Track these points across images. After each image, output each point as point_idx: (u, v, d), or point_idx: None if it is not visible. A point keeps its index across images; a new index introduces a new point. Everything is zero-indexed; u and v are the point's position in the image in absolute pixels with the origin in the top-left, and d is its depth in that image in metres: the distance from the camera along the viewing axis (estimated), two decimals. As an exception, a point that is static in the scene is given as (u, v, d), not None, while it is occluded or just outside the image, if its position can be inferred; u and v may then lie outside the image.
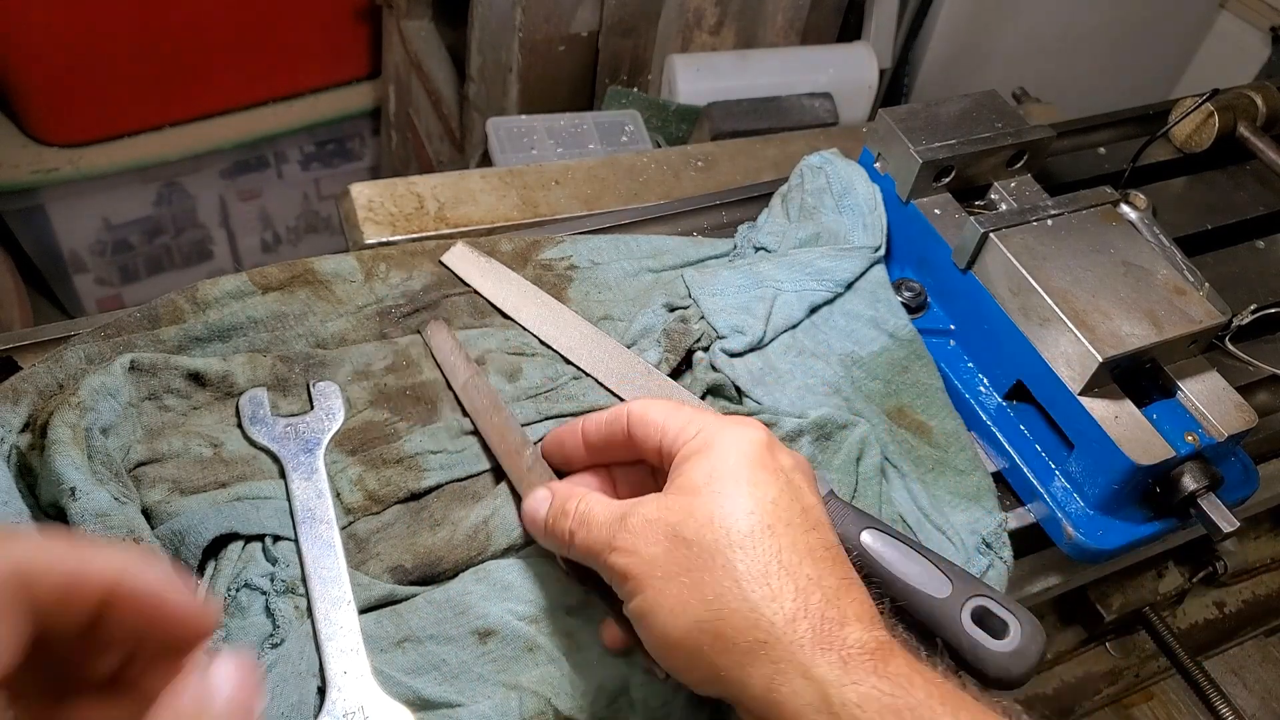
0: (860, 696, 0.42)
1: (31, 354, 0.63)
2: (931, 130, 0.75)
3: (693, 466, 0.49)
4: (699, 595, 0.45)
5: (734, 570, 0.45)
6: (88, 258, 1.84)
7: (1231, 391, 0.66)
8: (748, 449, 0.49)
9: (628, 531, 0.48)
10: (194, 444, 0.58)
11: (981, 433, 0.70)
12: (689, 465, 0.49)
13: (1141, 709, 0.86)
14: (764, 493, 0.47)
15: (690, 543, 0.46)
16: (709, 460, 0.49)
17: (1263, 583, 0.92)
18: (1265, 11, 1.55)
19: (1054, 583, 0.69)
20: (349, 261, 0.68)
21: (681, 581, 0.45)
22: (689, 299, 0.71)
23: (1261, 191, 0.93)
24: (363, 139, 1.99)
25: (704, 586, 0.45)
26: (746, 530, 0.46)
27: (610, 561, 0.48)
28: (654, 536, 0.47)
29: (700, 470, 0.48)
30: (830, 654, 0.43)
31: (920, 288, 0.75)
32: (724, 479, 0.48)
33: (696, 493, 0.48)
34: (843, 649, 0.43)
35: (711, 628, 0.44)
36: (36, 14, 1.53)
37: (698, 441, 0.50)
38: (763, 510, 0.47)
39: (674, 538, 0.46)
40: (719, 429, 0.50)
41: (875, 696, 0.42)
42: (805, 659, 0.43)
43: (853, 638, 0.44)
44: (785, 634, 0.43)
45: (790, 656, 0.43)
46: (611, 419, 0.54)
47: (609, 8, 1.35)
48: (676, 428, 0.51)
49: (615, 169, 0.97)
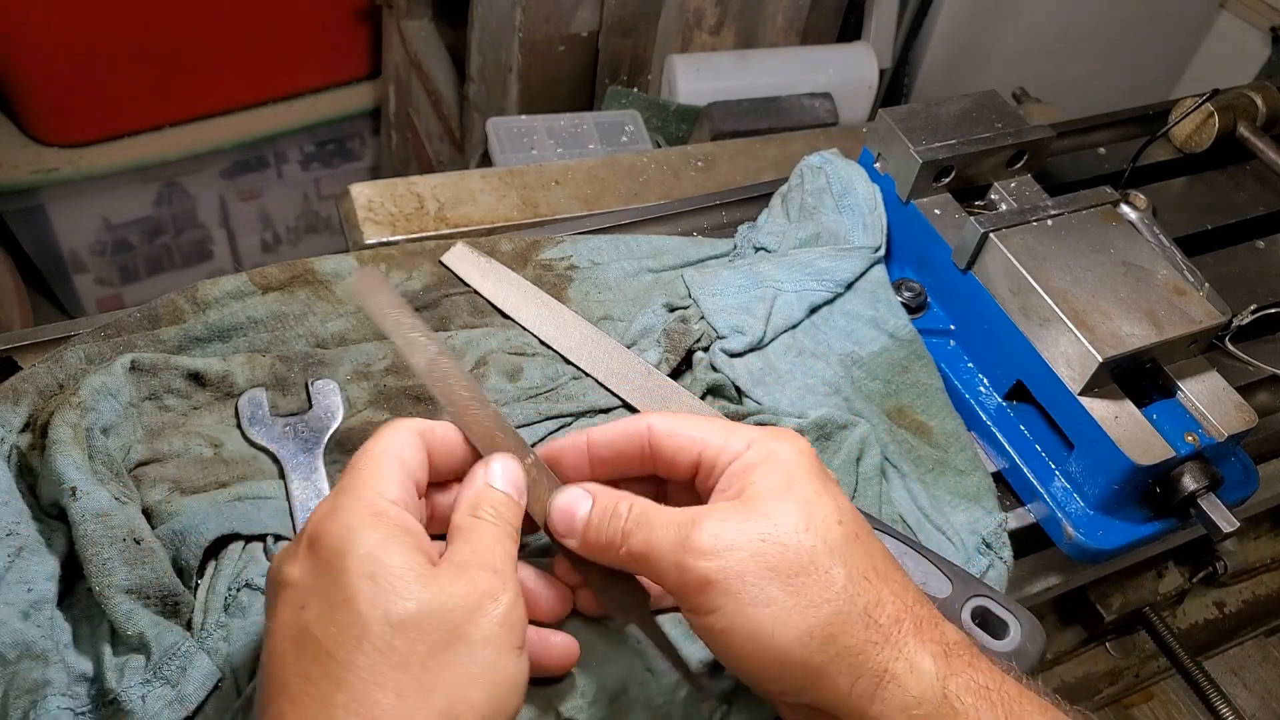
0: (960, 687, 0.43)
1: (31, 354, 0.63)
2: (931, 130, 0.75)
3: (763, 475, 0.47)
4: (805, 601, 0.44)
5: (839, 576, 0.45)
6: (88, 258, 1.84)
7: (1231, 391, 0.66)
8: (807, 461, 0.48)
9: (706, 535, 0.45)
10: (194, 444, 0.58)
11: (981, 433, 0.70)
12: (757, 474, 0.47)
13: (1141, 709, 0.86)
14: (841, 502, 0.47)
15: (789, 548, 0.45)
16: (778, 469, 0.47)
17: (1263, 583, 0.92)
18: (1265, 11, 1.55)
19: (1054, 583, 0.69)
20: (349, 261, 0.68)
21: (783, 587, 0.44)
22: (689, 299, 0.71)
23: (1261, 191, 0.93)
24: (363, 139, 1.99)
25: (808, 592, 0.44)
26: (841, 537, 0.46)
27: (688, 565, 0.45)
28: (737, 540, 0.45)
29: (772, 479, 0.47)
30: (935, 646, 0.44)
31: (920, 288, 0.75)
32: (801, 487, 0.47)
33: (779, 500, 0.46)
34: (943, 642, 0.45)
35: (822, 633, 0.44)
36: (36, 14, 1.53)
37: (756, 452, 0.48)
38: (847, 518, 0.47)
39: (765, 543, 0.45)
40: (771, 439, 0.49)
41: (973, 688, 0.43)
42: (912, 655, 0.44)
43: (950, 634, 0.46)
44: (894, 633, 0.44)
45: (899, 654, 0.44)
46: (626, 433, 0.51)
47: (609, 8, 1.35)
48: (720, 440, 0.49)
49: (615, 169, 0.97)
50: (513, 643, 0.42)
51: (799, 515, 0.46)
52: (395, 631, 0.40)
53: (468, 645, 0.41)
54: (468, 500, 0.48)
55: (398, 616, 0.40)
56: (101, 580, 0.48)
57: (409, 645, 0.40)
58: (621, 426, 0.52)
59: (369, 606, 0.40)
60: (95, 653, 0.49)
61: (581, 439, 0.52)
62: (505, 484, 0.48)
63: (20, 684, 0.46)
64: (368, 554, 0.41)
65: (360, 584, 0.40)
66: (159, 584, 0.49)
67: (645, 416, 0.52)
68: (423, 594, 0.41)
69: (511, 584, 0.44)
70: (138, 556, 0.49)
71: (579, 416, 0.64)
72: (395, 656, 0.39)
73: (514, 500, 0.48)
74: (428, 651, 0.40)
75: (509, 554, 0.46)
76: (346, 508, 0.43)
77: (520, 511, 0.49)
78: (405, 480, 0.46)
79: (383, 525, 0.43)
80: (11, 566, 0.49)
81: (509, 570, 0.45)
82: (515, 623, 0.43)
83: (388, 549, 0.41)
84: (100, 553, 0.48)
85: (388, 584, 0.40)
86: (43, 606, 0.49)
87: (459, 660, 0.40)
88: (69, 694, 0.47)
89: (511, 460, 0.50)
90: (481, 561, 0.44)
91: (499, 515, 0.47)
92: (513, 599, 0.43)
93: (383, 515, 0.43)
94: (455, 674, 0.40)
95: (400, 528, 0.43)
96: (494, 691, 0.41)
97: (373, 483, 0.44)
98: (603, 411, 0.65)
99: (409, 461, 0.47)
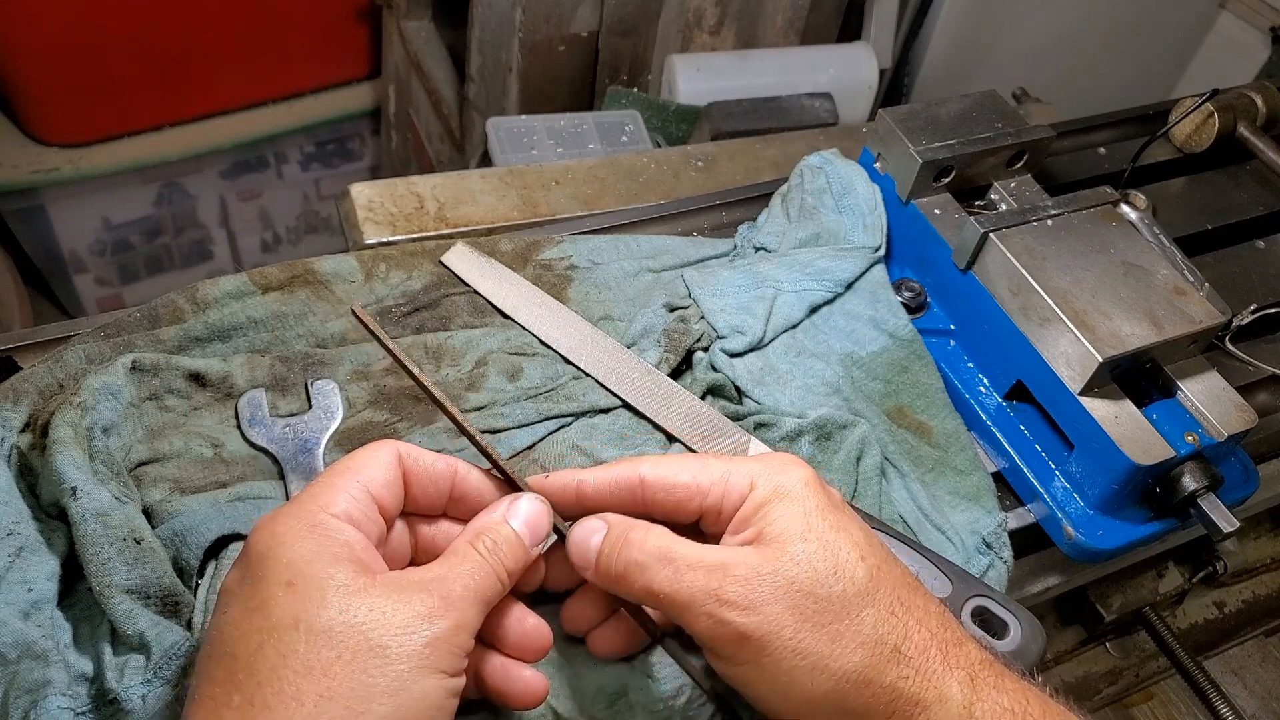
0: (986, 713, 0.44)
1: (31, 354, 0.63)
2: (931, 130, 0.75)
3: (779, 515, 0.47)
4: (839, 649, 0.44)
5: (869, 618, 0.45)
6: (88, 258, 1.84)
7: (1231, 391, 0.66)
8: (815, 493, 0.48)
9: (739, 583, 0.44)
10: (194, 444, 0.58)
11: (981, 433, 0.70)
12: (772, 514, 0.47)
13: (1141, 709, 0.86)
14: (856, 534, 0.47)
15: (820, 598, 0.44)
16: (794, 507, 0.47)
17: (1263, 583, 0.92)
18: (1265, 11, 1.55)
19: (1054, 583, 0.69)
20: (349, 261, 0.68)
21: (819, 637, 0.44)
22: (689, 299, 0.71)
23: (1261, 191, 0.93)
24: (363, 139, 1.99)
25: (842, 640, 0.44)
26: (865, 575, 0.45)
27: (723, 618, 0.44)
28: (772, 593, 0.44)
29: (790, 519, 0.46)
30: (960, 673, 0.45)
31: (920, 288, 0.75)
32: (818, 524, 0.46)
33: (804, 541, 0.46)
34: (968, 667, 0.45)
35: (858, 678, 0.44)
36: (36, 14, 1.53)
37: (765, 489, 0.48)
38: (867, 551, 0.47)
39: (799, 593, 0.44)
40: (775, 471, 0.48)
41: (999, 712, 0.44)
42: (940, 684, 0.44)
43: (973, 655, 0.46)
44: (922, 665, 0.45)
45: (929, 684, 0.44)
46: (621, 482, 0.50)
47: (609, 8, 1.35)
48: (718, 484, 0.48)
49: (615, 169, 0.97)
50: (436, 665, 0.41)
51: (825, 560, 0.45)
52: (304, 638, 0.39)
53: (382, 659, 0.39)
54: (475, 527, 0.47)
55: (308, 624, 0.39)
56: (102, 580, 0.48)
57: (315, 652, 0.39)
58: (613, 477, 0.50)
59: (280, 612, 0.40)
60: (95, 653, 0.49)
61: (571, 484, 0.50)
62: (521, 525, 0.47)
63: (20, 684, 0.46)
64: (289, 562, 0.41)
65: (275, 591, 0.40)
66: (159, 584, 0.49)
67: (637, 466, 0.50)
68: (340, 604, 0.40)
69: (457, 614, 0.42)
70: (138, 556, 0.49)
71: (579, 416, 0.64)
72: (297, 662, 0.39)
73: (520, 543, 0.47)
74: (335, 659, 0.39)
75: (479, 588, 0.44)
76: (282, 518, 0.43)
77: (523, 557, 0.47)
78: (362, 497, 0.45)
79: (314, 536, 0.42)
80: (12, 566, 0.49)
81: (466, 602, 0.43)
82: (448, 649, 0.41)
83: (313, 559, 0.41)
84: (100, 552, 0.48)
85: (303, 592, 0.40)
86: (43, 606, 0.49)
87: (368, 672, 0.39)
88: (69, 694, 0.47)
89: (541, 506, 0.49)
90: (431, 585, 0.42)
91: (494, 550, 0.45)
92: (451, 627, 0.41)
93: (318, 527, 0.43)
94: (361, 684, 0.39)
95: (336, 540, 0.42)
96: (401, 708, 0.39)
97: (320, 496, 0.44)
98: (603, 411, 0.65)
99: (375, 480, 0.46)
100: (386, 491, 0.46)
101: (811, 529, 0.46)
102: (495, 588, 0.45)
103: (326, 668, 0.39)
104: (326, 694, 0.38)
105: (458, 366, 0.65)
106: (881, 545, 0.48)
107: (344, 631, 0.39)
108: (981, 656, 0.46)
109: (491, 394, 0.63)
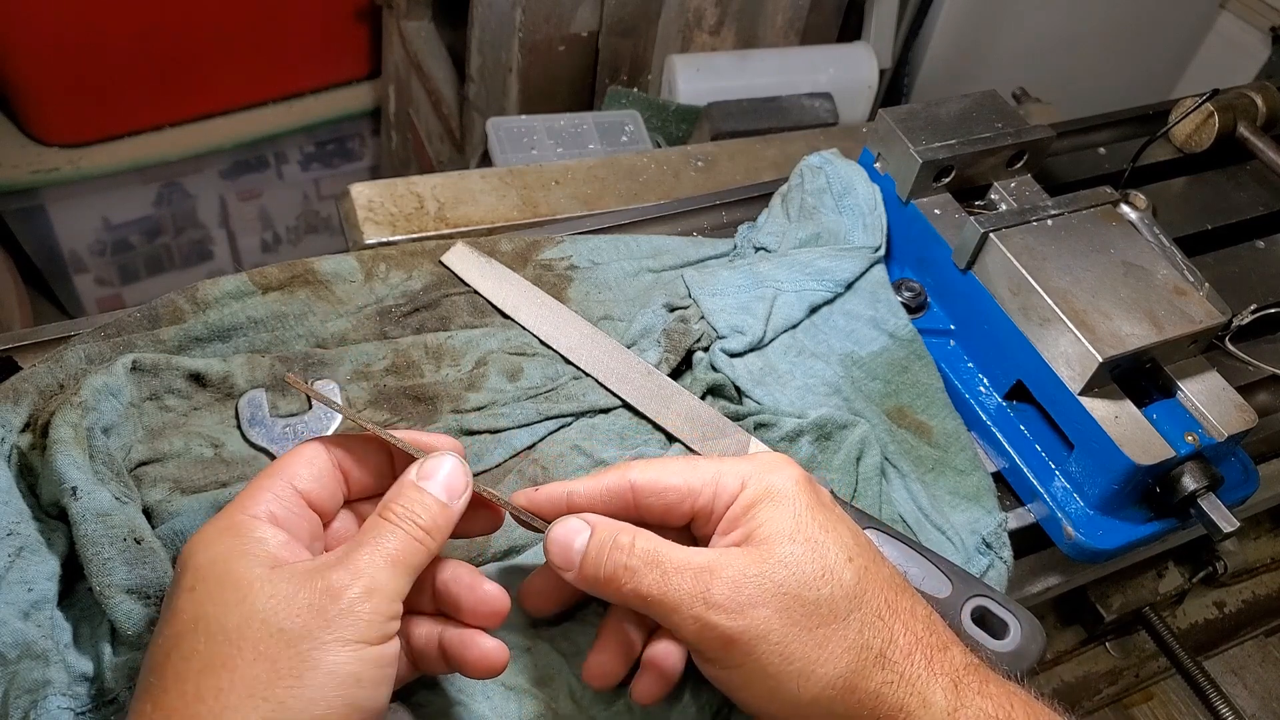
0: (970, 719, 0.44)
1: (31, 354, 0.63)
2: (931, 130, 0.75)
3: (768, 515, 0.47)
4: (826, 654, 0.44)
5: (855, 621, 0.45)
6: (88, 258, 1.84)
7: (1231, 391, 0.66)
8: (806, 492, 0.48)
9: (726, 585, 0.44)
10: (195, 444, 0.58)
11: (981, 433, 0.70)
12: (761, 515, 0.47)
13: (1141, 709, 0.86)
14: (844, 535, 0.47)
15: (808, 602, 0.44)
16: (783, 508, 0.47)
17: (1263, 583, 0.92)
18: (1265, 11, 1.55)
19: (1054, 583, 0.69)
20: (349, 261, 0.68)
21: (805, 642, 0.44)
22: (689, 299, 0.71)
23: (1261, 191, 0.93)
24: (363, 139, 1.99)
25: (830, 644, 0.44)
26: (853, 578, 0.45)
27: (710, 621, 0.44)
28: (759, 596, 0.44)
29: (779, 520, 0.46)
30: (944, 679, 0.45)
31: (920, 288, 0.75)
32: (807, 525, 0.46)
33: (791, 543, 0.46)
34: (952, 673, 0.45)
35: (844, 683, 0.44)
36: (36, 14, 1.53)
37: (754, 489, 0.48)
38: (855, 553, 0.46)
39: (786, 596, 0.44)
40: (765, 471, 0.48)
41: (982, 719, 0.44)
42: (924, 689, 0.44)
43: (957, 659, 0.46)
44: (906, 670, 0.45)
45: (912, 690, 0.44)
46: (608, 492, 0.49)
47: (609, 8, 1.35)
48: (709, 485, 0.48)
49: (615, 169, 0.97)
50: (349, 637, 0.40)
51: (813, 562, 0.45)
52: (203, 638, 0.40)
53: (284, 643, 0.39)
54: (385, 498, 0.45)
55: (205, 624, 0.40)
56: (102, 580, 0.48)
57: (214, 649, 0.39)
58: (603, 486, 0.50)
59: (183, 618, 0.41)
60: (95, 653, 0.49)
61: (561, 495, 0.50)
62: (433, 484, 0.46)
63: (21, 684, 0.46)
64: (196, 567, 0.42)
65: (180, 597, 0.41)
66: (159, 584, 0.49)
67: (626, 471, 0.50)
68: (236, 598, 0.40)
69: (366, 580, 0.41)
70: (138, 556, 0.49)
71: (579, 416, 0.64)
72: (199, 662, 0.39)
73: (434, 500, 0.45)
74: (235, 653, 0.39)
75: (392, 552, 0.43)
76: (206, 525, 0.44)
77: (440, 513, 0.45)
78: (286, 495, 0.45)
79: (226, 539, 0.42)
80: (12, 566, 0.49)
81: (375, 567, 0.42)
82: (363, 617, 0.41)
83: (220, 561, 0.42)
84: (101, 552, 0.48)
85: (204, 594, 0.41)
86: (43, 606, 0.49)
87: (270, 658, 0.39)
88: (69, 694, 0.47)
89: (450, 459, 0.47)
90: (338, 561, 0.42)
91: (405, 514, 0.44)
92: (360, 594, 0.41)
93: (231, 529, 0.43)
94: (262, 671, 0.39)
95: (249, 539, 0.42)
96: (311, 686, 0.39)
97: (242, 499, 0.44)
98: (603, 411, 0.65)
99: (301, 476, 0.46)
100: (316, 485, 0.47)
101: (800, 530, 0.46)
102: (414, 548, 0.44)
103: (225, 661, 0.39)
104: (226, 687, 0.39)
105: (458, 366, 0.65)
106: (870, 545, 0.48)
107: (241, 624, 0.40)
108: (967, 661, 0.46)
109: (491, 394, 0.63)
